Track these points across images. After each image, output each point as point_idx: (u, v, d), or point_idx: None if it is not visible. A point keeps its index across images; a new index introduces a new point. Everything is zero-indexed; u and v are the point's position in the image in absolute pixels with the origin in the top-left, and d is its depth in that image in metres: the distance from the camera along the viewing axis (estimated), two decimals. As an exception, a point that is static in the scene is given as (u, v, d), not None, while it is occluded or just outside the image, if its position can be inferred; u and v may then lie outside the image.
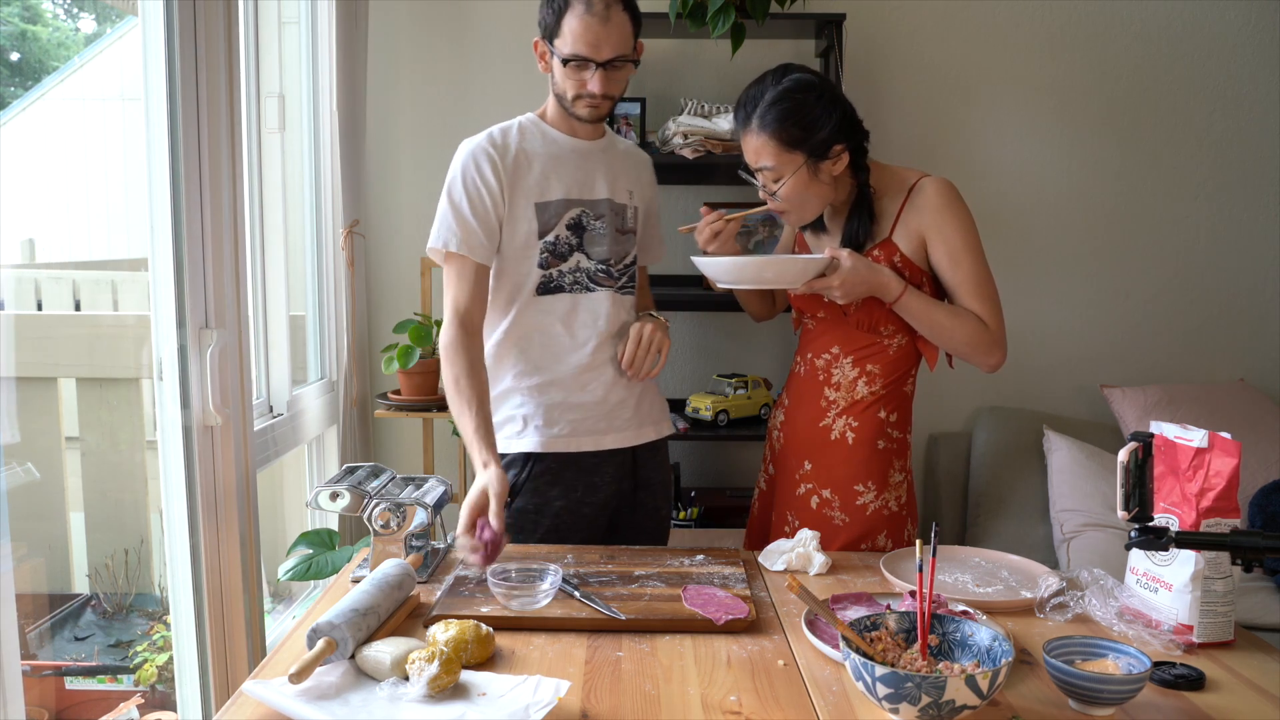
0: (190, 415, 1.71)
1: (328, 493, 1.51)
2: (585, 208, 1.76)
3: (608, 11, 1.63)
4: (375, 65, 2.79)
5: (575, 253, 1.75)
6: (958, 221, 1.69)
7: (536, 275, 1.73)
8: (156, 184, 1.67)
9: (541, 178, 1.73)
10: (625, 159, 1.84)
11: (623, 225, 1.81)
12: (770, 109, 1.63)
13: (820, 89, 1.65)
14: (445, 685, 1.08)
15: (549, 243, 1.73)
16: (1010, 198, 2.94)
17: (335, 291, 2.60)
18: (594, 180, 1.77)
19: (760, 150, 1.66)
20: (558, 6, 1.64)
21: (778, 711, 1.10)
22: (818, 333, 1.82)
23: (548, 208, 1.73)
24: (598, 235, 1.76)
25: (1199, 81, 2.90)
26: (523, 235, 1.72)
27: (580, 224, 1.76)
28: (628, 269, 1.82)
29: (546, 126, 1.77)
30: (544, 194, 1.73)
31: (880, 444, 1.76)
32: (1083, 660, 1.16)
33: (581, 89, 1.67)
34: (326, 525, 2.39)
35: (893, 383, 1.76)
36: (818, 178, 1.66)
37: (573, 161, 1.76)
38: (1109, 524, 2.46)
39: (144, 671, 2.31)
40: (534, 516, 1.77)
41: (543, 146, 1.75)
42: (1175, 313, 2.98)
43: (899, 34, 2.87)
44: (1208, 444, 1.31)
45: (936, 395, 2.98)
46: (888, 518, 1.76)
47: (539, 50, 1.71)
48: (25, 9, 4.54)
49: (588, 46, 1.63)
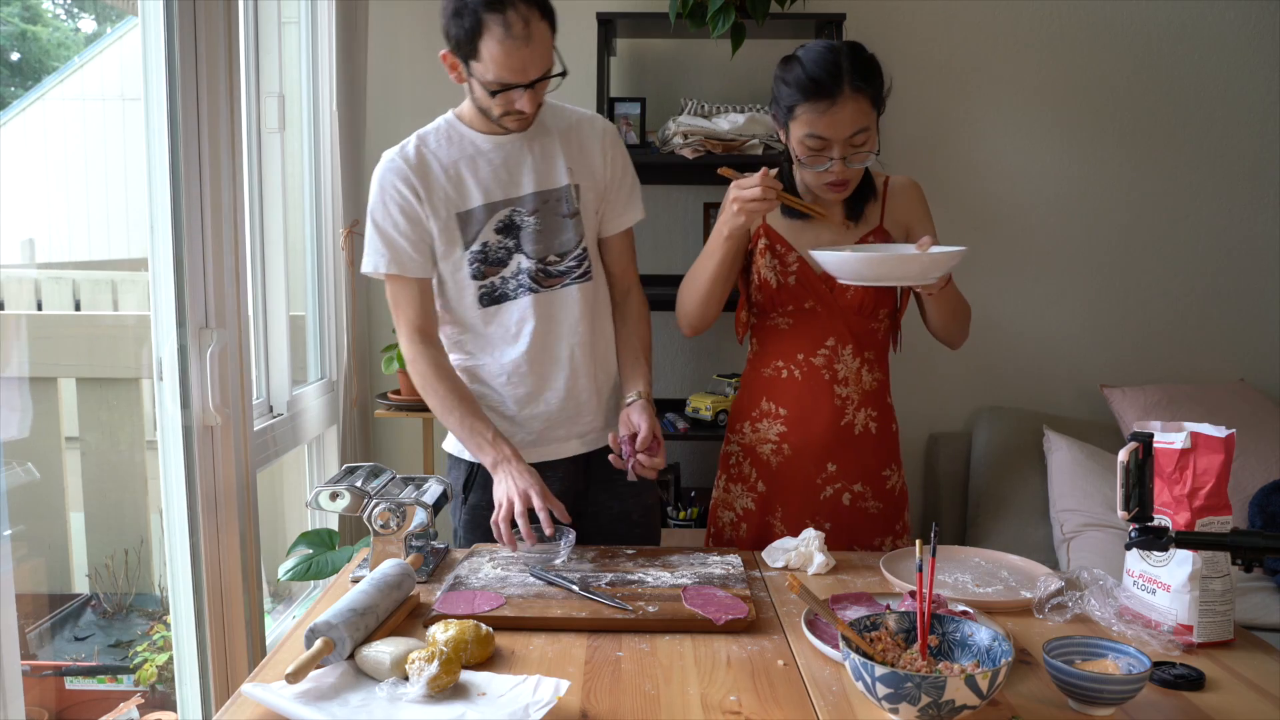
0: (190, 415, 1.71)
1: (328, 493, 1.52)
2: (514, 206, 1.67)
3: (528, 30, 1.50)
4: (375, 65, 2.78)
5: (514, 255, 1.68)
6: (929, 213, 1.82)
7: (473, 286, 1.68)
8: (156, 184, 1.67)
9: (457, 186, 1.65)
10: (558, 136, 1.71)
11: (564, 210, 1.70)
12: (862, 69, 1.60)
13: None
14: (445, 685, 1.08)
15: (477, 252, 1.67)
16: (1010, 197, 2.94)
17: (335, 291, 2.60)
18: (519, 175, 1.67)
19: (858, 114, 1.60)
20: (469, 26, 1.50)
21: (778, 711, 1.10)
22: (801, 328, 1.77)
23: (470, 216, 1.66)
24: (531, 232, 1.68)
25: (1199, 81, 2.90)
26: (447, 248, 1.67)
27: (512, 224, 1.68)
28: (578, 258, 1.72)
29: (463, 128, 1.68)
30: (463, 203, 1.66)
31: (893, 427, 1.85)
32: (1082, 660, 1.16)
33: (509, 108, 1.57)
34: (326, 525, 2.39)
35: (884, 367, 1.83)
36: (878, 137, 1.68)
37: (493, 161, 1.67)
38: (1109, 524, 2.46)
39: (144, 671, 2.31)
40: (486, 512, 1.71)
41: (458, 152, 1.67)
42: (1175, 313, 2.98)
43: (899, 34, 2.87)
44: (1190, 444, 1.31)
45: (936, 395, 2.98)
46: (905, 493, 1.88)
47: (449, 63, 1.59)
48: (25, 9, 4.54)
49: (512, 73, 1.52)
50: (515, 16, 1.48)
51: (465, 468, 1.78)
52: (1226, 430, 1.30)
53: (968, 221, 2.92)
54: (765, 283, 1.76)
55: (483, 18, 1.49)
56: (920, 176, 1.90)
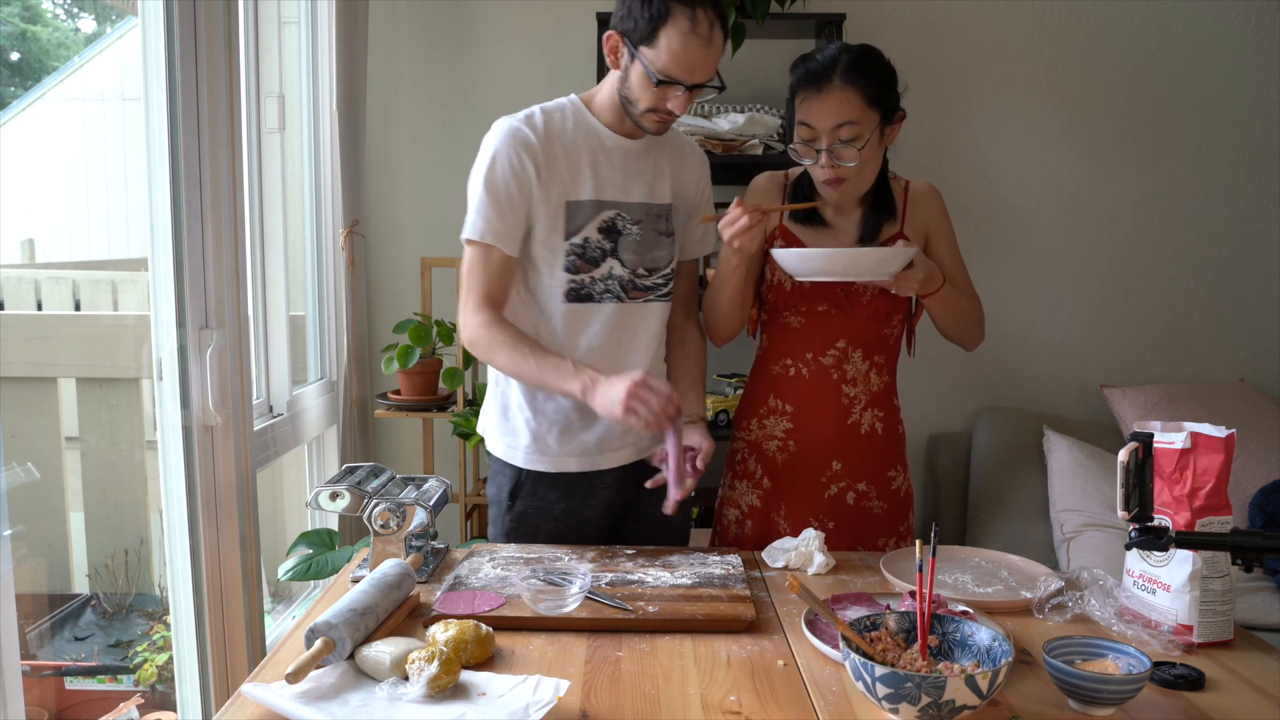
0: (190, 415, 1.71)
1: (328, 493, 1.51)
2: (620, 210, 1.65)
3: (711, 32, 1.50)
4: (375, 65, 2.78)
5: (608, 259, 1.65)
6: (949, 218, 1.83)
7: (563, 279, 1.64)
8: (156, 184, 1.67)
9: (575, 173, 1.62)
10: (670, 154, 1.72)
11: (663, 228, 1.70)
12: (858, 63, 1.62)
13: (884, 55, 1.68)
14: (445, 685, 1.08)
15: (577, 245, 1.63)
16: (1010, 198, 2.94)
17: (335, 291, 2.60)
18: (632, 182, 1.66)
19: (843, 106, 1.60)
20: (654, 12, 1.49)
21: (778, 711, 1.10)
22: (812, 329, 1.77)
23: (579, 207, 1.62)
24: (632, 241, 1.66)
25: (1199, 81, 2.90)
26: (547, 233, 1.62)
27: (614, 228, 1.65)
28: (666, 276, 1.72)
29: (591, 117, 1.65)
30: (576, 192, 1.62)
31: (899, 429, 1.85)
32: (1082, 660, 1.16)
33: (659, 105, 1.55)
34: (326, 525, 2.39)
35: (893, 370, 1.83)
36: (881, 143, 1.68)
37: (612, 160, 1.64)
38: (1109, 524, 2.46)
39: (144, 671, 2.31)
40: (535, 520, 1.73)
41: (583, 139, 1.63)
42: (1175, 313, 2.98)
43: (899, 34, 2.87)
44: (1190, 444, 1.31)
45: (936, 395, 2.98)
46: (910, 495, 1.88)
47: (612, 45, 1.57)
48: (25, 9, 4.54)
49: (684, 69, 1.51)
50: (703, 15, 1.49)
51: (512, 474, 1.73)
52: (1226, 430, 1.30)
53: (968, 222, 2.91)
54: (779, 284, 1.76)
55: (671, 7, 1.49)
56: (920, 176, 1.90)
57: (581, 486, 1.73)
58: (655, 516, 1.73)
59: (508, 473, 1.74)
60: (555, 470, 1.71)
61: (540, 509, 1.73)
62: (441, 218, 2.84)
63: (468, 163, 1.64)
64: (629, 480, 1.76)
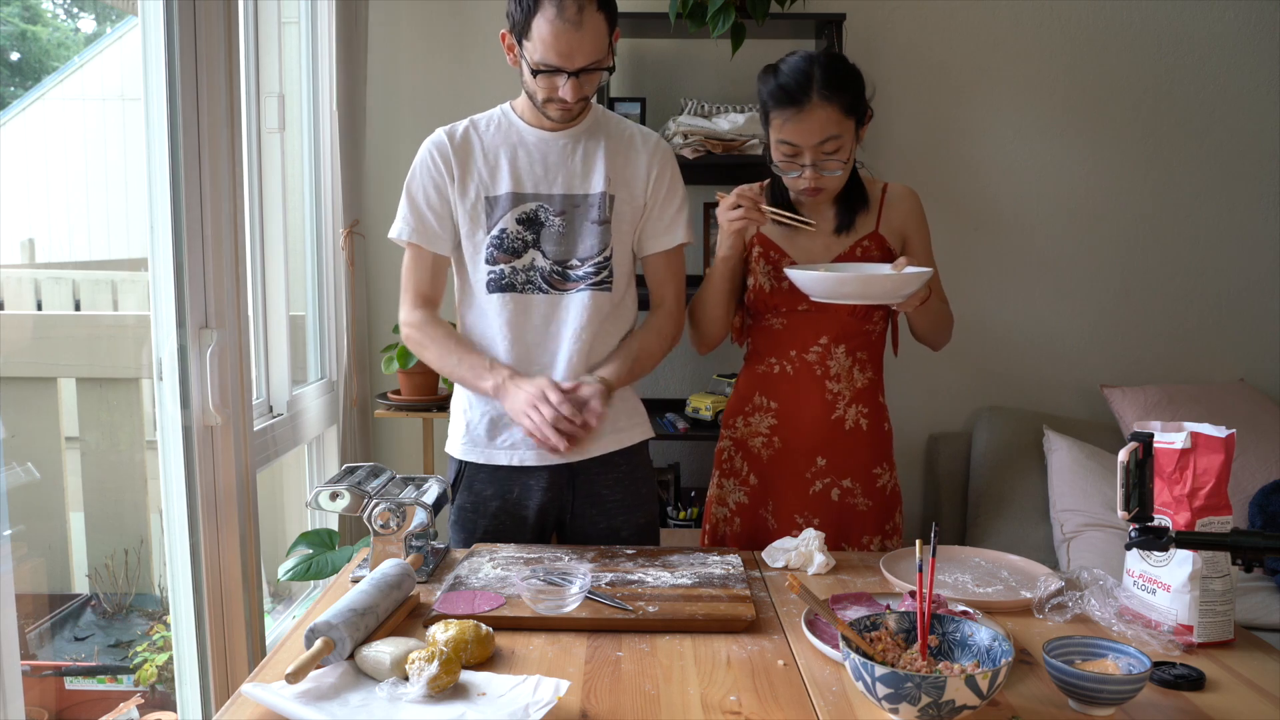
0: (190, 415, 1.71)
1: (328, 493, 1.51)
2: (541, 202, 1.68)
3: (580, 16, 1.51)
4: (375, 65, 2.78)
5: (530, 250, 1.69)
6: (926, 223, 1.84)
7: (484, 270, 1.69)
8: (156, 184, 1.67)
9: (492, 170, 1.68)
10: (607, 144, 1.71)
11: (595, 217, 1.69)
12: (832, 76, 1.64)
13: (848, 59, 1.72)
14: (445, 685, 1.08)
15: (494, 237, 1.68)
16: (1010, 198, 2.94)
17: (335, 291, 2.60)
18: (554, 173, 1.69)
19: (826, 122, 1.65)
20: (526, 5, 1.53)
21: (778, 711, 1.10)
22: (796, 328, 1.80)
23: (496, 201, 1.68)
24: (554, 232, 1.68)
25: (1198, 81, 2.90)
26: (470, 228, 1.70)
27: (536, 219, 1.68)
28: (598, 265, 1.70)
29: (514, 117, 1.71)
30: (494, 187, 1.68)
31: (885, 426, 1.86)
32: (1082, 660, 1.16)
33: (552, 94, 1.59)
34: (326, 525, 2.39)
35: (877, 367, 1.85)
36: (855, 147, 1.72)
37: (532, 154, 1.69)
38: (1109, 524, 2.46)
39: (144, 671, 2.31)
40: (472, 514, 1.76)
41: (503, 138, 1.70)
42: (1175, 313, 2.98)
43: (899, 34, 2.87)
44: (1190, 444, 1.31)
45: (936, 395, 2.98)
46: (897, 494, 1.88)
47: (506, 43, 1.63)
48: (25, 9, 4.54)
49: (558, 56, 1.53)
50: (569, 1, 1.50)
51: (454, 465, 1.79)
52: (1226, 430, 1.30)
53: (968, 222, 2.92)
54: (760, 288, 1.80)
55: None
56: (920, 177, 1.91)
57: (515, 482, 1.75)
58: (601, 527, 1.76)
59: (452, 465, 1.80)
60: (486, 462, 1.74)
61: (476, 503, 1.76)
62: (441, 218, 2.84)
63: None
64: (564, 483, 1.75)
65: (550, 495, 1.75)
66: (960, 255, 2.89)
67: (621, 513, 1.77)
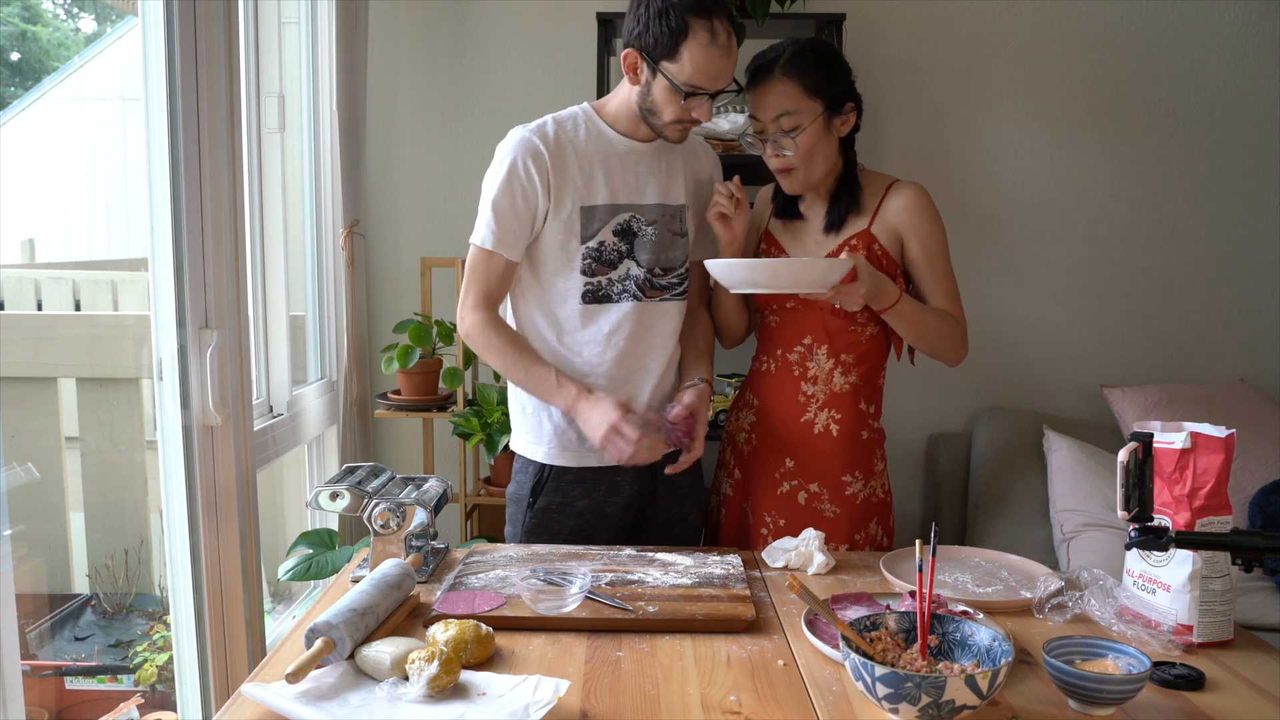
0: (190, 415, 1.71)
1: (328, 493, 1.52)
2: (635, 213, 1.70)
3: (730, 41, 1.57)
4: (375, 65, 2.78)
5: (625, 260, 1.70)
6: (935, 224, 1.77)
7: (580, 282, 1.69)
8: (156, 184, 1.67)
9: (589, 180, 1.67)
10: (683, 155, 1.77)
11: (676, 228, 1.74)
12: (796, 57, 1.67)
13: (834, 48, 1.73)
14: (445, 685, 1.08)
15: (592, 249, 1.68)
16: (1010, 197, 2.94)
17: (335, 291, 2.60)
18: (646, 183, 1.71)
19: (781, 97, 1.67)
20: (673, 28, 1.54)
21: (778, 711, 1.10)
22: (784, 326, 1.81)
23: (594, 212, 1.67)
24: (648, 241, 1.71)
25: (1199, 81, 2.90)
26: (564, 238, 1.67)
27: (630, 230, 1.70)
28: (680, 276, 1.76)
29: (603, 124, 1.70)
30: (590, 197, 1.67)
31: (864, 435, 1.81)
32: (1082, 660, 1.16)
33: (684, 115, 1.61)
34: (326, 525, 2.39)
35: (867, 373, 1.80)
36: (829, 133, 1.71)
37: (625, 164, 1.70)
38: (1109, 524, 2.46)
39: (144, 671, 2.31)
40: (558, 516, 1.76)
41: (595, 145, 1.68)
42: (1175, 313, 2.98)
43: (899, 34, 2.87)
44: (1190, 444, 1.31)
45: (936, 395, 2.98)
46: (876, 504, 1.83)
47: (630, 62, 1.61)
48: (25, 9, 4.54)
49: (708, 79, 1.56)
50: (720, 27, 1.56)
51: (535, 470, 1.77)
52: (1226, 430, 1.30)
53: (967, 222, 2.92)
54: None
55: (690, 22, 1.54)
56: (919, 177, 1.90)
57: (604, 482, 1.76)
58: (673, 512, 1.80)
59: (530, 469, 1.78)
60: (578, 465, 1.74)
61: (562, 505, 1.76)
62: (441, 218, 2.84)
63: (468, 162, 1.65)
64: (649, 475, 1.78)
65: (636, 488, 1.78)
66: (960, 255, 2.85)
67: (690, 497, 1.85)
